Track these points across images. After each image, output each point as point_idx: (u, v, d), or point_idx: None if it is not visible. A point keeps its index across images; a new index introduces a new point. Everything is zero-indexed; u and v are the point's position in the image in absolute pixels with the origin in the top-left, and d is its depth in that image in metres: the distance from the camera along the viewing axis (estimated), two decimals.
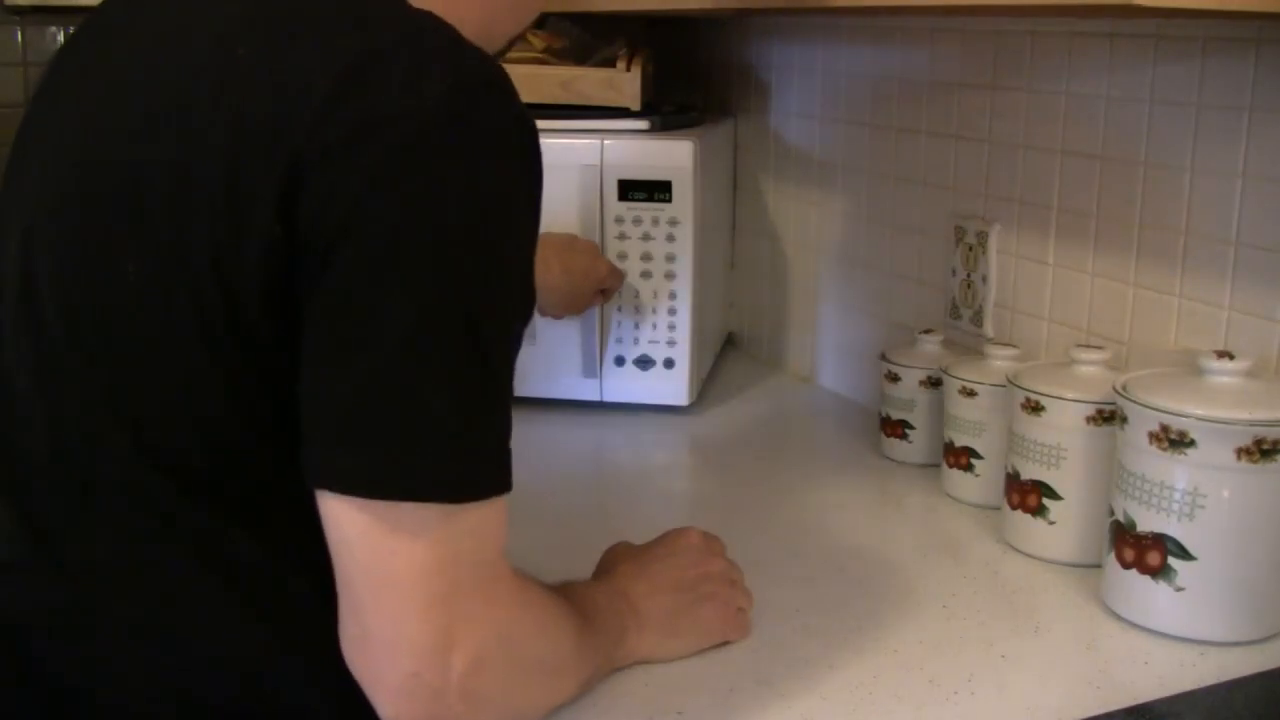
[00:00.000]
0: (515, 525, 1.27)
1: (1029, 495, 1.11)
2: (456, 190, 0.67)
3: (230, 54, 0.70)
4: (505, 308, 0.71)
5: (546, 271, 1.26)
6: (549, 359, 1.51)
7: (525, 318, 0.75)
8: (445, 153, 0.67)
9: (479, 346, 0.69)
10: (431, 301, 0.67)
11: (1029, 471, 1.11)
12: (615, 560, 0.98)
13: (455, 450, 0.69)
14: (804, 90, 1.64)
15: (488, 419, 0.71)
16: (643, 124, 1.51)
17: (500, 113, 0.71)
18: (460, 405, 0.69)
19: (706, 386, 1.64)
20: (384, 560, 0.68)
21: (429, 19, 0.72)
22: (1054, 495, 1.09)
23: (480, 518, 0.70)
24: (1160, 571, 0.96)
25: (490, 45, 0.81)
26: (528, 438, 1.04)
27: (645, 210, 1.47)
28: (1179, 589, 0.95)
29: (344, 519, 0.68)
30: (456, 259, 0.68)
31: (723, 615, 0.95)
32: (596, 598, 0.89)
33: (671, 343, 1.49)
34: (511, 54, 1.56)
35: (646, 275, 1.48)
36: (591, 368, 1.51)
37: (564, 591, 0.86)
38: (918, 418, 1.34)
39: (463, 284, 0.68)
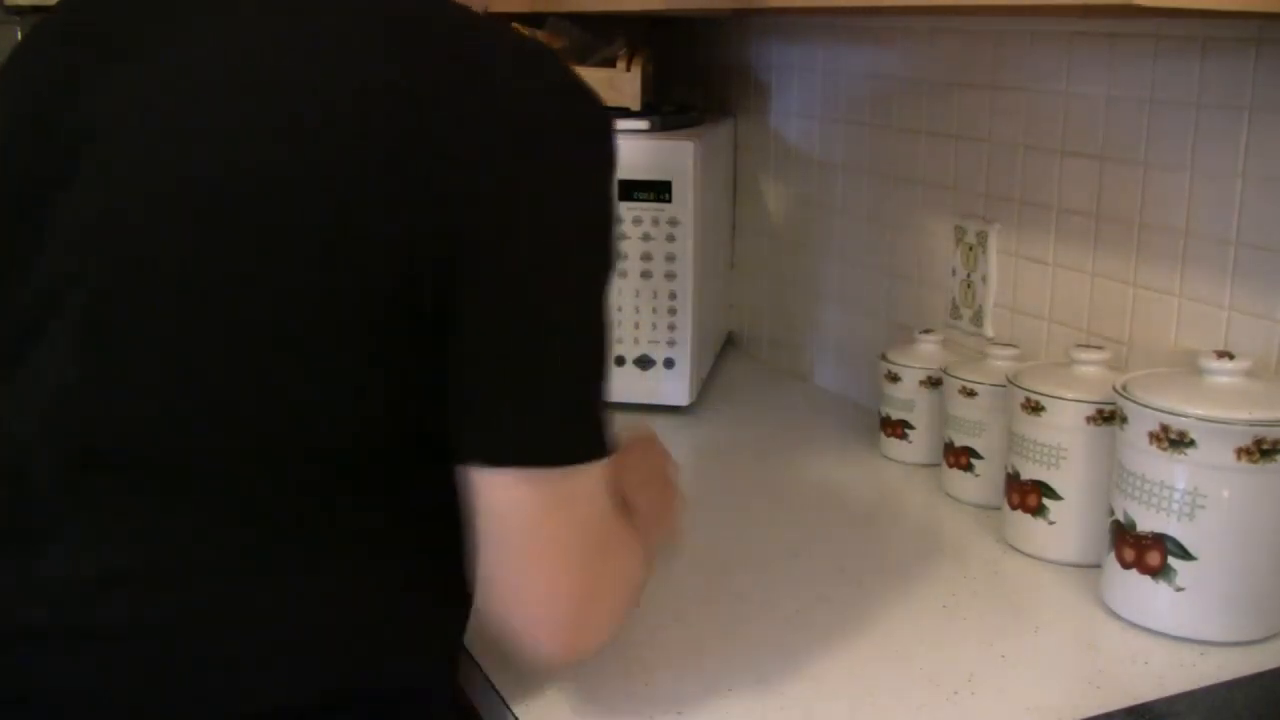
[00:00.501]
0: None
1: (1029, 495, 1.11)
2: (591, 190, 0.76)
3: (360, 71, 0.73)
4: (610, 285, 0.77)
5: None
6: None
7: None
8: (578, 157, 0.75)
9: (603, 322, 0.76)
10: (576, 288, 0.74)
11: (1029, 471, 1.11)
12: None
13: (597, 416, 0.76)
14: (804, 90, 1.64)
15: (607, 385, 0.77)
16: (643, 124, 1.51)
17: (602, 114, 0.78)
18: (594, 375, 0.75)
19: (706, 386, 1.64)
20: (544, 523, 0.74)
21: (509, 29, 0.79)
22: (1054, 495, 1.09)
23: (604, 473, 0.77)
24: (1160, 571, 0.96)
25: None
26: None
27: (645, 210, 1.47)
28: (1179, 589, 0.95)
29: (502, 490, 0.74)
30: (595, 250, 0.76)
31: (672, 511, 0.99)
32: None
33: (671, 343, 1.49)
34: None
35: (646, 275, 1.48)
36: None
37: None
38: (918, 418, 1.34)
39: (598, 270, 0.76)
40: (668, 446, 1.02)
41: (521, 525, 0.74)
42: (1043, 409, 1.08)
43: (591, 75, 1.54)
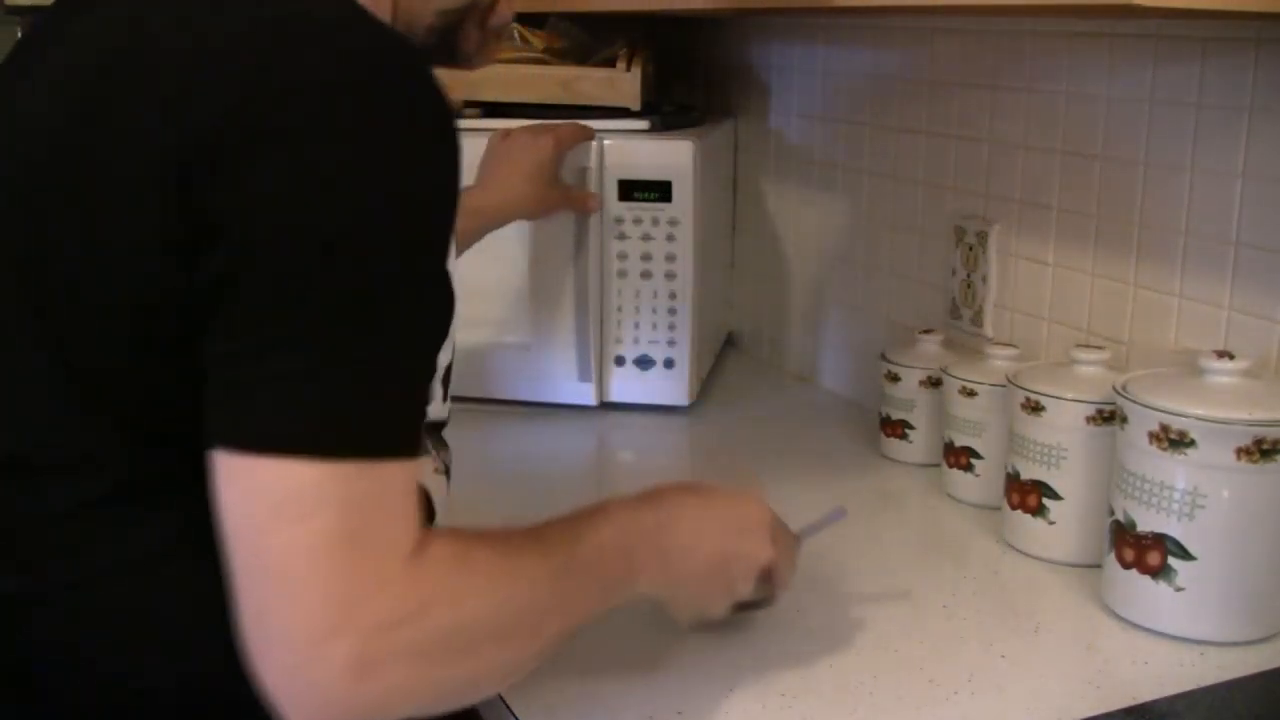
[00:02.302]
0: (516, 523, 1.26)
1: (1029, 495, 1.11)
2: (353, 169, 0.66)
3: (139, 31, 0.71)
4: (406, 287, 0.68)
5: (485, 173, 1.42)
6: (548, 359, 1.51)
7: (435, 301, 0.72)
8: (347, 132, 0.66)
9: (375, 321, 0.67)
10: (325, 279, 0.65)
11: (1029, 471, 1.11)
12: (682, 495, 0.89)
13: (340, 409, 0.65)
14: (804, 90, 1.64)
15: (379, 384, 0.67)
16: (643, 124, 1.51)
17: (405, 91, 0.69)
18: (352, 373, 0.66)
19: (706, 386, 1.64)
20: (273, 535, 0.64)
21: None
22: (1054, 495, 1.09)
23: (376, 479, 0.66)
24: (1160, 571, 0.96)
25: (414, 19, 0.86)
26: (528, 437, 1.04)
27: (645, 210, 1.47)
28: (1179, 589, 0.95)
29: (231, 482, 0.65)
30: (355, 239, 0.66)
31: (722, 603, 0.90)
32: (605, 537, 0.81)
33: (671, 343, 1.49)
34: (512, 54, 1.57)
35: (646, 275, 1.48)
36: (586, 372, 1.50)
37: (559, 531, 0.79)
38: (918, 418, 1.34)
39: (360, 264, 0.66)
40: (667, 450, 1.01)
41: (257, 538, 0.64)
42: (1043, 409, 1.08)
43: (591, 75, 1.54)
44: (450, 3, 0.90)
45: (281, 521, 0.64)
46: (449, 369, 0.97)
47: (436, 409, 0.93)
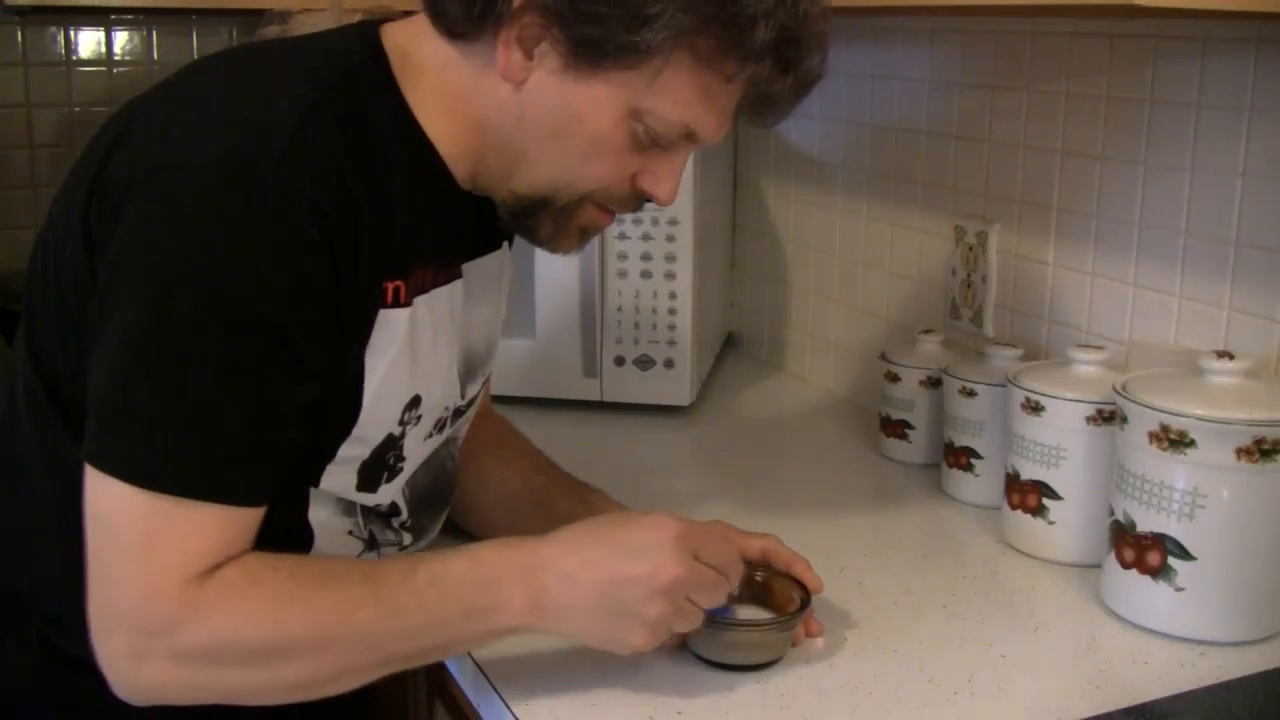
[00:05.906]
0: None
1: (1029, 495, 1.11)
2: (173, 246, 0.78)
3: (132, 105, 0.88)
4: (218, 352, 0.78)
5: None
6: (549, 359, 1.51)
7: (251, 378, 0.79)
8: (182, 216, 0.78)
9: (193, 363, 0.77)
10: (142, 322, 0.78)
11: (1029, 471, 1.11)
12: (572, 530, 0.88)
13: (152, 442, 0.77)
14: None
15: (195, 435, 0.78)
16: None
17: (236, 196, 0.78)
18: (173, 418, 0.77)
19: (706, 386, 1.64)
20: (91, 535, 0.78)
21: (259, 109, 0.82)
22: (1054, 495, 1.09)
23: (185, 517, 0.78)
24: (1160, 571, 0.96)
25: (493, 184, 0.92)
26: (528, 437, 1.04)
27: (645, 210, 1.46)
28: (1179, 589, 0.95)
29: (86, 483, 0.79)
30: (172, 302, 0.78)
31: (638, 633, 0.85)
32: (456, 569, 0.84)
33: (671, 343, 1.49)
34: None
35: (646, 275, 1.48)
36: (592, 367, 1.51)
37: (394, 563, 0.87)
38: (918, 418, 1.34)
39: (175, 326, 0.77)
40: (667, 450, 1.00)
41: (87, 525, 0.79)
42: (1043, 409, 1.08)
43: None
44: (522, 189, 0.90)
45: (97, 527, 0.78)
46: (380, 463, 0.91)
47: (368, 497, 0.92)
